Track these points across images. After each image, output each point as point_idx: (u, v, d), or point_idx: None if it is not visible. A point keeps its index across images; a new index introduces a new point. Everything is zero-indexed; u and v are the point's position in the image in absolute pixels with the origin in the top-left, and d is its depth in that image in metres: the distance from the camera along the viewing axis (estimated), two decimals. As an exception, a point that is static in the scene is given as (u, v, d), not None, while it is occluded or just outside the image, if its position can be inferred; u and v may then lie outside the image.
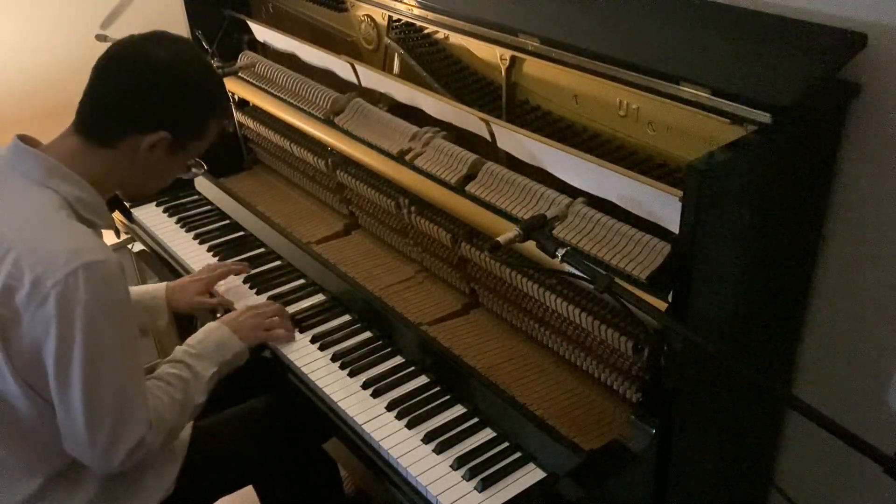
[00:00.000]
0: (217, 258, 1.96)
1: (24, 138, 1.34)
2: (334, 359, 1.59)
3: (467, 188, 1.53)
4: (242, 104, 2.23)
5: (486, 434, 1.40)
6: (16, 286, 1.21)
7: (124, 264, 1.34)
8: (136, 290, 1.76)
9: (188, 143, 1.39)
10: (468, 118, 1.61)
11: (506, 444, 1.38)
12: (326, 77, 1.99)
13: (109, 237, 2.33)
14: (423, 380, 1.53)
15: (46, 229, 1.27)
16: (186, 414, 1.44)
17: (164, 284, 1.81)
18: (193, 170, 1.55)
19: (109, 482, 1.39)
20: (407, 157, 1.66)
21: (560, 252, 1.18)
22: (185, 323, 2.26)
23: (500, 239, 1.22)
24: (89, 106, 1.34)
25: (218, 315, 1.75)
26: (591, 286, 1.17)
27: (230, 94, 2.22)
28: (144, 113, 1.32)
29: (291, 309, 1.74)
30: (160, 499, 1.46)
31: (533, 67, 1.57)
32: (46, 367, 1.23)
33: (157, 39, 1.35)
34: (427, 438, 1.39)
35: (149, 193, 1.50)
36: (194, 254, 2.00)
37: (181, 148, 1.38)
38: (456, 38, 1.73)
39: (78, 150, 1.33)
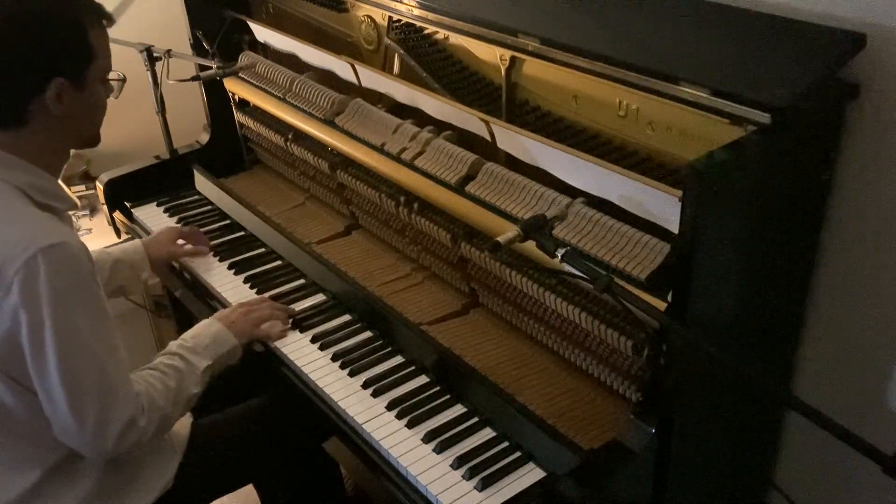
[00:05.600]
0: (217, 258, 1.95)
1: None
2: (334, 358, 1.59)
3: (467, 188, 1.53)
4: (243, 104, 2.23)
5: (486, 433, 1.40)
6: None
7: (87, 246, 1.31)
8: (116, 249, 1.82)
9: (87, 71, 1.30)
10: (468, 118, 1.61)
11: (506, 444, 1.38)
12: (326, 77, 1.99)
13: (110, 237, 2.34)
14: (423, 379, 1.53)
15: (2, 220, 1.26)
16: (181, 402, 1.43)
17: (138, 240, 1.88)
18: (115, 85, 1.45)
19: (107, 477, 1.39)
20: (408, 158, 1.66)
21: (560, 252, 1.18)
22: (185, 321, 2.27)
23: (500, 239, 1.22)
24: None
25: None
26: (591, 286, 1.17)
27: (230, 94, 2.23)
28: (24, 76, 1.26)
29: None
30: (158, 494, 1.46)
31: (533, 68, 1.57)
32: (25, 356, 1.23)
33: None
34: (427, 438, 1.39)
35: (95, 133, 1.40)
36: (195, 253, 1.99)
37: (84, 80, 1.30)
38: (456, 39, 1.73)
39: (5, 142, 1.30)
